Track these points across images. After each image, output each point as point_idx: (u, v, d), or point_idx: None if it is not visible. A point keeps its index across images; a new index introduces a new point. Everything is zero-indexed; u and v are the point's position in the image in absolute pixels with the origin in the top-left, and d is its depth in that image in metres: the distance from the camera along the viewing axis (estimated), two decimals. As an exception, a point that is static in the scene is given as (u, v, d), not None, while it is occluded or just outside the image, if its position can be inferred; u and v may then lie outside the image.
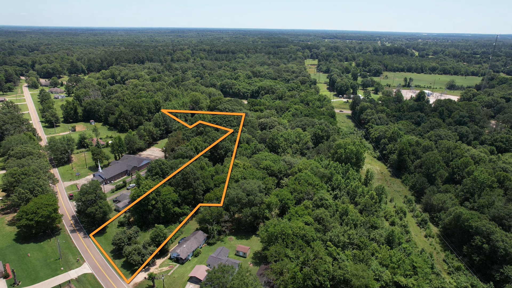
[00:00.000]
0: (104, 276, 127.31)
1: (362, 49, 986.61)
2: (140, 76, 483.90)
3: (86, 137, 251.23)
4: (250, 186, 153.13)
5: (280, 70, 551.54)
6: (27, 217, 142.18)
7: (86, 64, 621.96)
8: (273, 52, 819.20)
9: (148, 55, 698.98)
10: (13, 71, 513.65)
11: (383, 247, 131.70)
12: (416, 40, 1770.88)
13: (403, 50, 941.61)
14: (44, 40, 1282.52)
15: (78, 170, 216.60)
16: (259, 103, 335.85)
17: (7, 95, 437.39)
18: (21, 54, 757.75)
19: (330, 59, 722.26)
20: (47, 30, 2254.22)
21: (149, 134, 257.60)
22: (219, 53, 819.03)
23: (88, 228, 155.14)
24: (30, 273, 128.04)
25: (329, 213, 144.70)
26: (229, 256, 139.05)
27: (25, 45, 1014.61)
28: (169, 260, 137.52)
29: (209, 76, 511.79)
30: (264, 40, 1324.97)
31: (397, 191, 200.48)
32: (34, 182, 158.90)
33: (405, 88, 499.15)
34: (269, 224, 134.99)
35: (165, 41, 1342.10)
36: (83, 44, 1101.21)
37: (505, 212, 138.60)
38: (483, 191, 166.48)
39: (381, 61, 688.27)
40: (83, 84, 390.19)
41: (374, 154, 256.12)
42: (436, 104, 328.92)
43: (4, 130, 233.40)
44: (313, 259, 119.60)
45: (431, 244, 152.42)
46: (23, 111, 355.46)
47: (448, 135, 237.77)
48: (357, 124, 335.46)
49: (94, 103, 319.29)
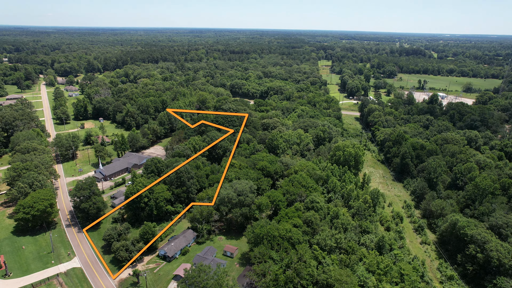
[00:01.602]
0: (92, 271, 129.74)
1: (378, 51, 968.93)
2: (152, 75, 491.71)
3: (92, 135, 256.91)
4: (241, 186, 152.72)
5: (291, 71, 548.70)
6: (23, 211, 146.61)
7: (102, 63, 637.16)
8: (287, 53, 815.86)
9: (162, 55, 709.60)
10: (33, 70, 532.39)
11: (372, 252, 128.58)
12: (437, 42, 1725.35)
13: (421, 51, 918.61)
14: (66, 39, 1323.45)
15: (81, 166, 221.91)
16: (265, 104, 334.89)
17: (25, 92, 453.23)
18: (42, 53, 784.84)
19: (344, 60, 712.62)
20: (71, 30, 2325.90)
21: (153, 132, 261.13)
22: (233, 53, 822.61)
23: (83, 223, 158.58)
24: (22, 265, 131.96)
25: (319, 216, 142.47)
26: (217, 256, 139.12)
27: (48, 44, 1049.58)
28: (156, 257, 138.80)
29: (220, 76, 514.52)
30: (280, 41, 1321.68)
31: (397, 196, 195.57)
32: (33, 177, 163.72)
33: (419, 91, 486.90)
34: (256, 226, 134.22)
35: (182, 41, 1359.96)
36: (102, 44, 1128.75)
37: (503, 221, 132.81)
38: (484, 198, 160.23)
39: (396, 62, 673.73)
40: (95, 83, 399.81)
41: (378, 157, 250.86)
42: (447, 107, 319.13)
43: (14, 126, 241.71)
44: (296, 262, 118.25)
45: (426, 251, 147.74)
46: (38, 108, 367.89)
47: (455, 139, 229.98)
48: (364, 126, 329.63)
49: (104, 101, 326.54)
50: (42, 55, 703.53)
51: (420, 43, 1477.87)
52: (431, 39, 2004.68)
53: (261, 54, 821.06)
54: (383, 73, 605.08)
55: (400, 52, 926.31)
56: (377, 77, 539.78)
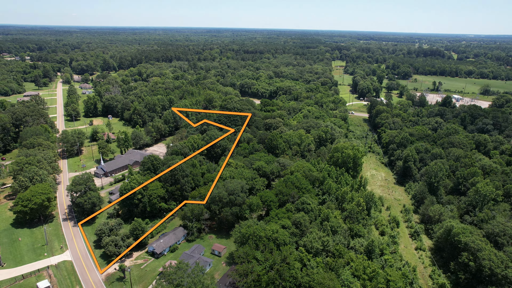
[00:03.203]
0: (81, 265, 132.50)
1: (395, 51, 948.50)
2: (165, 74, 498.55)
3: (99, 131, 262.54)
4: (232, 185, 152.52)
5: (303, 71, 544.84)
6: (22, 204, 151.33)
7: (118, 62, 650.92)
8: (301, 53, 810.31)
9: (176, 54, 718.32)
10: (51, 68, 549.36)
11: (360, 257, 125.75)
12: (458, 42, 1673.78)
13: (440, 52, 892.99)
14: (87, 38, 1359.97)
15: (85, 162, 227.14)
16: (271, 104, 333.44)
17: (42, 89, 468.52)
18: (62, 52, 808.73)
19: (358, 61, 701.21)
20: (93, 30, 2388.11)
21: (157, 130, 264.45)
22: (247, 53, 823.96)
23: (79, 217, 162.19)
24: (17, 256, 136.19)
25: (309, 218, 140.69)
26: (205, 255, 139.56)
27: (69, 43, 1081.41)
28: (145, 253, 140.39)
29: (231, 76, 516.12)
30: (296, 41, 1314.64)
31: (397, 200, 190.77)
32: (34, 171, 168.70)
33: (433, 92, 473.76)
34: (243, 225, 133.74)
35: (198, 41, 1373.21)
36: (120, 43, 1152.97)
37: (500, 229, 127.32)
38: (485, 205, 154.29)
39: (412, 63, 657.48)
40: (107, 81, 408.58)
41: (383, 160, 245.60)
42: (458, 109, 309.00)
43: (24, 122, 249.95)
44: (279, 263, 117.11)
45: (420, 257, 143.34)
46: (52, 105, 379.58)
47: (463, 142, 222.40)
48: (372, 128, 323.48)
49: (113, 99, 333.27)
50: (61, 54, 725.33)
51: (440, 44, 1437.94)
52: (453, 40, 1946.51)
53: (275, 54, 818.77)
54: (397, 74, 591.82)
55: (417, 53, 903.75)
56: (390, 78, 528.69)
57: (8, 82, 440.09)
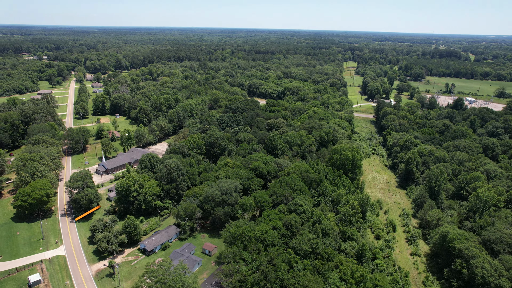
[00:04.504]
0: (74, 260, 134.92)
1: (409, 52, 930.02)
2: (174, 73, 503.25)
3: (104, 129, 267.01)
4: (226, 185, 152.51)
5: (312, 72, 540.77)
6: (21, 198, 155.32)
7: (130, 61, 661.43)
8: (313, 54, 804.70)
9: (188, 54, 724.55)
10: (65, 67, 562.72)
11: (349, 260, 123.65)
12: (478, 43, 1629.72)
13: (456, 53, 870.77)
14: (103, 38, 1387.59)
15: (89, 159, 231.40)
16: (277, 104, 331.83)
17: (55, 88, 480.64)
18: (78, 51, 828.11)
19: (370, 62, 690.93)
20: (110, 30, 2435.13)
21: (160, 129, 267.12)
22: (258, 53, 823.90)
23: (76, 213, 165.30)
24: (13, 249, 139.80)
25: (300, 220, 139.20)
26: (195, 254, 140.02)
27: (86, 43, 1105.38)
28: (137, 250, 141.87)
29: (240, 76, 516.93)
30: (309, 41, 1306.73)
31: (397, 203, 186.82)
32: (35, 167, 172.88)
33: (446, 94, 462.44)
34: (233, 225, 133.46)
35: (212, 41, 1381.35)
36: (135, 43, 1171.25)
37: (496, 236, 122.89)
38: (485, 211, 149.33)
39: (425, 65, 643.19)
40: (117, 80, 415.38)
41: (386, 163, 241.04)
42: (468, 112, 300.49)
43: (32, 119, 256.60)
44: (266, 264, 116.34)
45: (415, 263, 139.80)
46: (63, 103, 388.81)
47: (469, 146, 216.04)
48: (378, 129, 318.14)
49: (121, 97, 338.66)
50: (76, 53, 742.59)
51: (458, 45, 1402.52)
52: (472, 41, 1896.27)
53: (286, 54, 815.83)
54: (409, 76, 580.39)
55: (432, 54, 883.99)
56: (402, 79, 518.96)
57: (23, 80, 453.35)
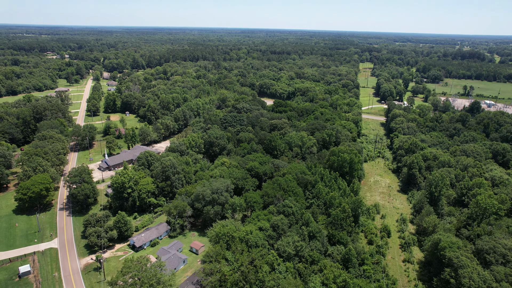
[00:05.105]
0: (65, 253, 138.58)
1: (430, 54, 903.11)
2: (188, 73, 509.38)
3: (112, 127, 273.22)
4: (217, 184, 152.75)
5: (326, 73, 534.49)
6: (21, 192, 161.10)
7: (147, 61, 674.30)
8: (329, 54, 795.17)
9: (203, 54, 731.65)
10: (83, 66, 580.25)
11: (334, 265, 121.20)
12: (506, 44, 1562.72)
13: (479, 54, 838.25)
14: (125, 38, 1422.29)
15: (94, 156, 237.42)
16: (284, 104, 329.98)
17: (72, 86, 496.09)
18: (98, 50, 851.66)
19: (387, 63, 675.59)
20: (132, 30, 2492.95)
21: (165, 127, 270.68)
22: (274, 54, 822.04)
23: (74, 208, 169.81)
24: (10, 240, 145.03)
25: (288, 222, 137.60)
26: (183, 251, 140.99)
27: (107, 43, 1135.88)
28: (127, 246, 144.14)
29: (252, 76, 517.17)
30: (327, 42, 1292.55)
31: (396, 208, 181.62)
32: (37, 161, 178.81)
33: (463, 97, 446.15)
34: (218, 225, 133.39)
35: (231, 41, 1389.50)
36: (155, 42, 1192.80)
37: (490, 246, 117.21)
38: (484, 219, 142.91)
39: (444, 66, 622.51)
40: (130, 79, 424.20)
41: (391, 166, 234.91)
42: (482, 116, 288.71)
43: (43, 115, 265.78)
44: (246, 265, 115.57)
45: (406, 270, 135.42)
46: (77, 100, 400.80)
47: (477, 151, 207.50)
48: (388, 132, 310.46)
49: (131, 96, 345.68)
50: (96, 52, 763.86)
51: (484, 46, 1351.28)
52: (500, 42, 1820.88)
53: (302, 55, 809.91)
54: (427, 78, 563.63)
55: (454, 55, 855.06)
56: (418, 81, 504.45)
57: (42, 78, 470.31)
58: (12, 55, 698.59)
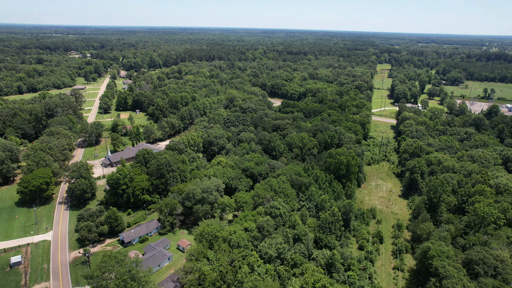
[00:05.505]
0: (57, 245, 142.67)
1: (452, 55, 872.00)
2: (201, 72, 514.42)
3: (119, 124, 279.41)
4: (206, 183, 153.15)
5: (340, 74, 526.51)
6: (23, 185, 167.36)
7: (163, 60, 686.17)
8: (346, 55, 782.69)
9: (219, 54, 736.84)
10: (102, 64, 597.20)
11: (316, 269, 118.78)
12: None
13: (506, 56, 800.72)
14: (146, 38, 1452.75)
15: (99, 152, 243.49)
16: (292, 105, 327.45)
17: (90, 84, 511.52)
18: (119, 50, 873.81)
19: (405, 65, 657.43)
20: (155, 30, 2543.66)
21: (170, 126, 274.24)
22: (290, 54, 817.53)
23: (72, 202, 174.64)
24: (8, 231, 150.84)
25: (275, 223, 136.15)
26: (170, 249, 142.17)
27: (128, 42, 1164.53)
28: (117, 241, 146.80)
29: (265, 76, 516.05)
30: (347, 43, 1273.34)
31: (394, 214, 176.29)
32: (40, 156, 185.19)
33: (483, 101, 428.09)
34: (204, 224, 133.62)
35: (250, 41, 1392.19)
36: (174, 42, 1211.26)
37: (479, 257, 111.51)
38: (481, 228, 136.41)
39: (466, 68, 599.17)
40: (143, 77, 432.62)
41: (395, 170, 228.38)
42: (497, 120, 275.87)
43: (55, 112, 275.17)
44: (225, 265, 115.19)
45: (395, 278, 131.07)
46: (92, 98, 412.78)
47: (485, 157, 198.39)
48: (397, 135, 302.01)
49: (142, 94, 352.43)
50: (116, 52, 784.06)
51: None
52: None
53: (318, 55, 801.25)
54: (446, 80, 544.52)
55: (479, 56, 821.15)
56: (435, 83, 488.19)
57: (62, 76, 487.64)
58: (38, 54, 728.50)
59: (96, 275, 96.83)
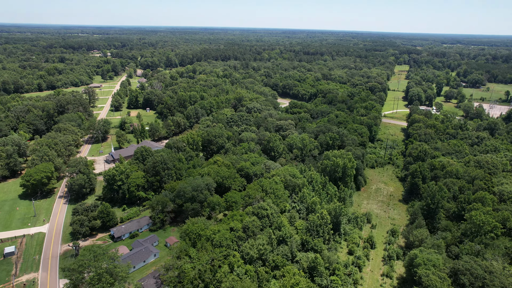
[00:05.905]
0: (51, 238, 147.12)
1: (477, 56, 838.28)
2: (214, 72, 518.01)
3: (127, 122, 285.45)
4: (197, 182, 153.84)
5: (354, 75, 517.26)
6: (25, 179, 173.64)
7: (180, 59, 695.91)
8: (363, 56, 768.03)
9: (234, 54, 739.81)
10: (119, 63, 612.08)
11: (298, 272, 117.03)
12: None
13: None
14: (166, 37, 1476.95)
15: (105, 148, 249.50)
16: (300, 106, 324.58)
17: (106, 82, 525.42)
18: (138, 49, 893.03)
19: (423, 66, 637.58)
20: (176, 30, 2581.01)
21: (176, 124, 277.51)
22: (307, 55, 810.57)
23: (71, 196, 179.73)
24: (7, 222, 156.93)
25: (261, 224, 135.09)
26: (158, 246, 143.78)
27: (149, 42, 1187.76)
28: (108, 236, 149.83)
29: (278, 76, 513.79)
30: (367, 43, 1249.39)
31: (391, 219, 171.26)
32: (44, 151, 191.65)
33: (504, 104, 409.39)
34: (189, 222, 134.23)
35: (269, 41, 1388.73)
36: (194, 42, 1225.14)
37: (466, 267, 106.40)
38: (477, 237, 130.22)
39: (489, 70, 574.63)
40: (156, 76, 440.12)
41: (399, 174, 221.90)
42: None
43: (66, 109, 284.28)
44: (204, 264, 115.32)
45: (383, 285, 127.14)
46: (107, 96, 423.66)
47: (493, 162, 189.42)
48: (407, 138, 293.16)
49: (152, 93, 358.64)
50: (135, 51, 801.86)
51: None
52: None
53: (335, 56, 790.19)
54: (466, 82, 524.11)
55: (506, 58, 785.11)
56: (453, 86, 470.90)
57: (80, 74, 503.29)
58: (61, 53, 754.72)
59: (72, 268, 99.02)
